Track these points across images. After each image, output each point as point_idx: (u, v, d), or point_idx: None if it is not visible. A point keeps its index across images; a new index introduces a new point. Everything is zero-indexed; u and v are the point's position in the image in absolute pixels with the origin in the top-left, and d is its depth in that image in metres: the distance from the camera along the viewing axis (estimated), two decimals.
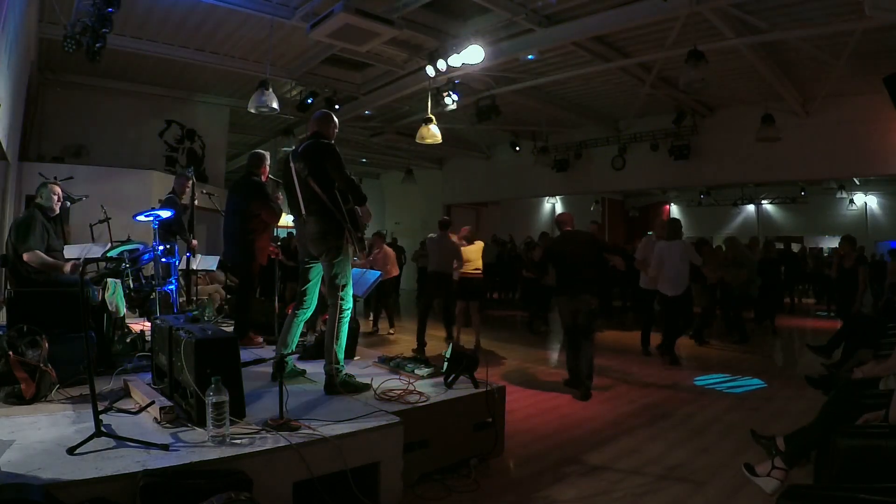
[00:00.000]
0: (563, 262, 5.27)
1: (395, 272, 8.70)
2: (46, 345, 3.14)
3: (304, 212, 3.53)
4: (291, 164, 3.55)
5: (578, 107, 10.79)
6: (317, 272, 3.66)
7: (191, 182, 6.01)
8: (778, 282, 9.75)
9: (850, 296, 7.01)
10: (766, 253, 9.52)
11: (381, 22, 5.94)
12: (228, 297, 7.14)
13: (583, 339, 5.17)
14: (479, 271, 7.46)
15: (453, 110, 8.93)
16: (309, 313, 3.73)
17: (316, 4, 6.31)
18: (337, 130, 3.78)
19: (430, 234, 7.75)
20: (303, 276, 3.69)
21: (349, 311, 3.51)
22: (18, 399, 2.93)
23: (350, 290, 3.52)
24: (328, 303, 3.52)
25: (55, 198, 4.38)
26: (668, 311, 6.67)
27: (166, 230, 5.80)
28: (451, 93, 8.10)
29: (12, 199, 7.42)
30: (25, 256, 4.01)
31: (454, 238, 7.39)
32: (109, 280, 4.22)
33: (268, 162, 5.08)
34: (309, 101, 9.13)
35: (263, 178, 5.01)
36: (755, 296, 8.84)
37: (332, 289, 3.46)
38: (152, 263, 5.35)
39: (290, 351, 3.60)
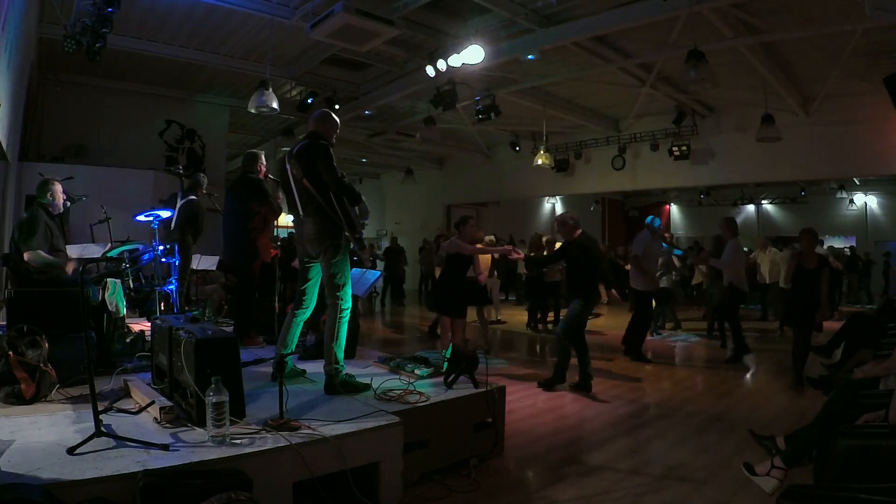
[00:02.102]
0: (598, 265, 5.35)
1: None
2: (46, 345, 3.14)
3: (301, 212, 3.53)
4: (287, 165, 3.55)
5: (578, 107, 10.79)
6: (315, 271, 3.65)
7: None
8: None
9: (809, 306, 5.58)
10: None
11: (381, 22, 5.94)
12: (228, 297, 7.14)
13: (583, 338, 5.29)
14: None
15: (453, 110, 8.94)
16: (308, 313, 3.72)
17: (316, 4, 6.31)
18: (337, 130, 3.77)
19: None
20: (302, 276, 3.69)
21: (348, 311, 3.50)
22: (18, 399, 2.93)
23: (349, 290, 3.51)
24: (327, 303, 3.52)
25: (58, 195, 4.38)
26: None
27: (183, 230, 5.82)
28: (451, 93, 8.10)
29: (12, 199, 7.42)
30: (26, 256, 4.01)
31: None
32: (109, 280, 4.22)
33: (263, 160, 5.09)
34: (309, 101, 9.14)
35: (261, 176, 5.02)
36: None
37: (330, 289, 3.46)
38: (153, 263, 5.35)
39: (289, 351, 3.60)
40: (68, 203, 5.37)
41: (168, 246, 5.18)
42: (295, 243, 3.85)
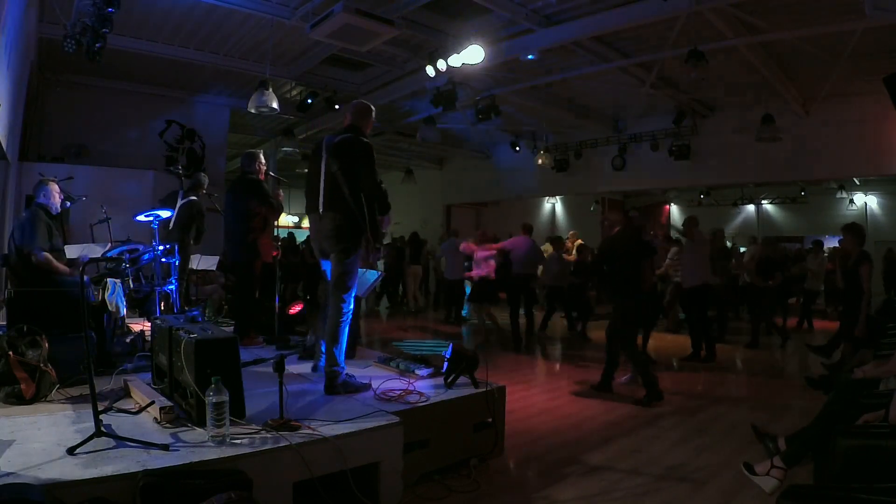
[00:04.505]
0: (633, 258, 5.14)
1: None
2: (46, 345, 3.14)
3: (322, 206, 3.41)
4: (323, 154, 3.42)
5: (578, 107, 10.78)
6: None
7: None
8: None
9: (848, 313, 5.52)
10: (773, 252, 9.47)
11: (381, 22, 5.93)
12: (228, 297, 7.14)
13: None
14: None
15: (453, 110, 8.93)
16: None
17: (316, 4, 6.30)
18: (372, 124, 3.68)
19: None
20: (324, 277, 3.67)
21: (350, 314, 3.48)
22: (18, 399, 2.93)
23: (353, 293, 3.49)
24: (329, 303, 3.51)
25: (54, 195, 4.38)
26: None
27: (182, 230, 5.81)
28: (451, 94, 8.09)
29: (12, 199, 7.42)
30: (34, 259, 4.01)
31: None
32: (109, 280, 4.22)
33: (262, 160, 5.09)
34: (309, 101, 9.13)
35: (260, 176, 5.01)
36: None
37: (336, 289, 3.42)
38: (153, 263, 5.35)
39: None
40: (67, 203, 5.38)
41: (168, 246, 5.18)
42: (310, 241, 3.78)
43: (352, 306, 3.48)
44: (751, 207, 18.45)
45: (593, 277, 7.95)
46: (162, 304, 5.26)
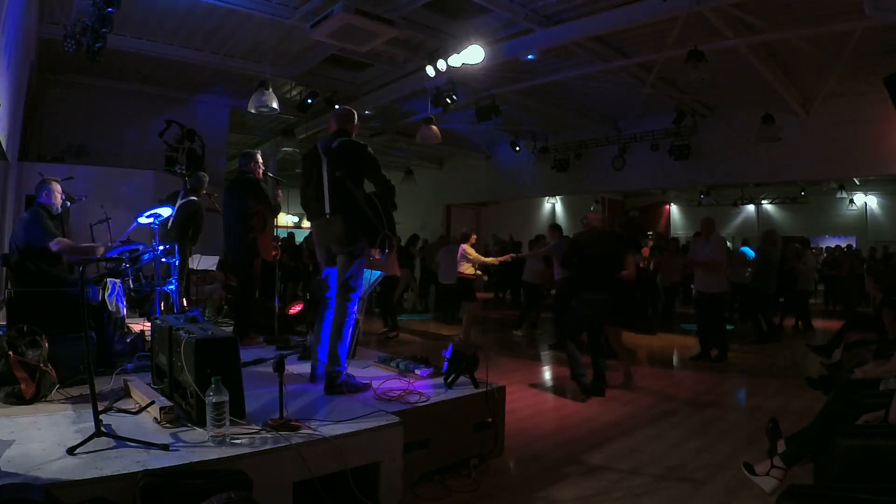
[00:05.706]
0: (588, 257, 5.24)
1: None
2: (46, 345, 3.13)
3: (328, 210, 3.42)
4: (323, 159, 3.44)
5: (578, 107, 10.79)
6: (335, 279, 3.59)
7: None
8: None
9: None
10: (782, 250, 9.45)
11: (381, 22, 5.94)
12: (228, 297, 7.14)
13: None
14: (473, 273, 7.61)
15: (453, 110, 8.94)
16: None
17: (316, 4, 6.31)
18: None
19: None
20: (325, 284, 3.64)
21: (355, 314, 3.49)
22: (18, 399, 2.92)
23: (359, 294, 3.50)
24: (336, 303, 3.51)
25: (56, 195, 4.38)
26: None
27: (181, 230, 5.81)
28: (451, 93, 8.10)
29: (12, 199, 7.43)
30: (55, 247, 4.01)
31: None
32: (109, 280, 4.22)
33: (259, 159, 5.09)
34: (309, 101, 9.13)
35: (257, 175, 5.02)
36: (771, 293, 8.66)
37: (343, 289, 3.44)
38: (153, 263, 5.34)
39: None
40: (68, 203, 5.37)
41: (168, 246, 5.18)
42: (314, 246, 3.77)
43: (356, 307, 3.49)
44: (751, 207, 18.47)
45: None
46: (162, 304, 5.26)
